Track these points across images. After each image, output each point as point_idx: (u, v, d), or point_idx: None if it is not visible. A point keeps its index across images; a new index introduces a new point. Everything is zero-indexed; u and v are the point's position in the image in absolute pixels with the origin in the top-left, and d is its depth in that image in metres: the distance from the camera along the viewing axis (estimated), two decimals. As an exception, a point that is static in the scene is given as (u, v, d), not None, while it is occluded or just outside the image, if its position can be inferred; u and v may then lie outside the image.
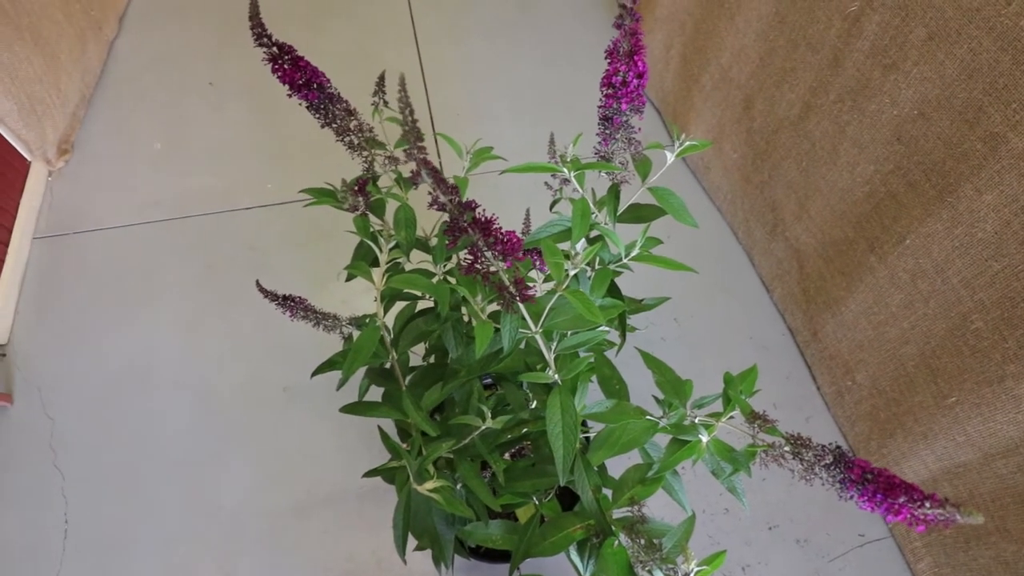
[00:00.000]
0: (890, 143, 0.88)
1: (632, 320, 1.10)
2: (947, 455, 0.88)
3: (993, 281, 0.76)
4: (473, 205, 0.43)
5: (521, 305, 0.47)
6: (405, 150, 0.40)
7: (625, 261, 0.64)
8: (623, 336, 0.65)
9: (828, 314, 1.08)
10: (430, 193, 0.42)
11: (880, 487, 0.45)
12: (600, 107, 0.60)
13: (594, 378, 0.68)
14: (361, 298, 1.26)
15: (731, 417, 0.56)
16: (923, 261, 0.86)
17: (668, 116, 1.52)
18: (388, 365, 0.70)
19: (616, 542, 0.53)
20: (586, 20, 1.80)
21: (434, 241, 0.66)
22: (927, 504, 0.42)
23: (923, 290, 0.86)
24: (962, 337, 0.82)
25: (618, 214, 0.66)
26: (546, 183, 0.67)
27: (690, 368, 0.66)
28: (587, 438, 0.70)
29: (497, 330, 0.47)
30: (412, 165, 0.45)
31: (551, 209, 0.69)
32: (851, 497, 0.47)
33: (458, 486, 0.65)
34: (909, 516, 0.43)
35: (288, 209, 1.39)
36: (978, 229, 0.77)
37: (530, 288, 0.45)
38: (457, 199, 0.41)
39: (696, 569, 0.49)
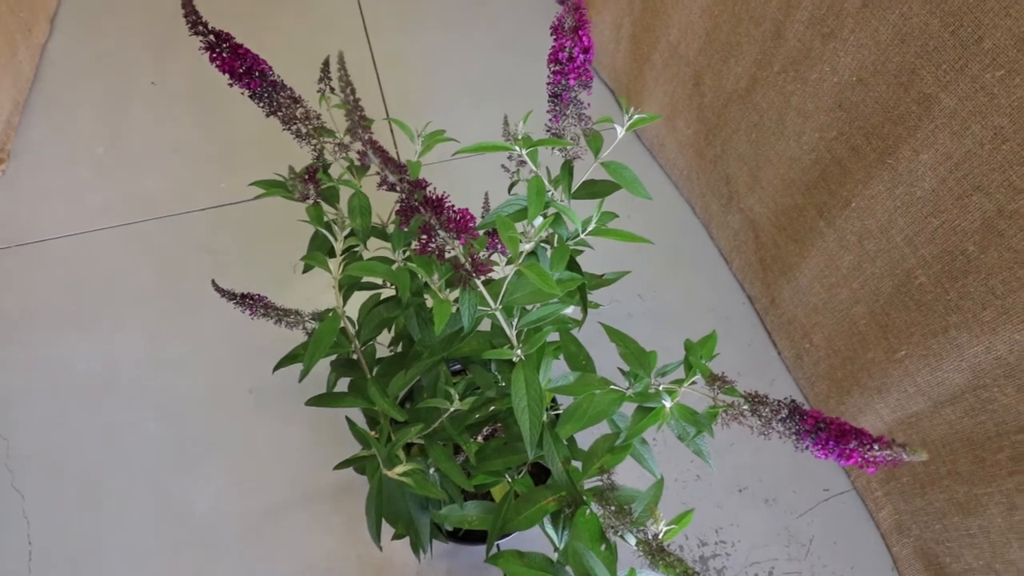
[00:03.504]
0: (832, 110, 0.91)
1: (596, 297, 1.11)
2: (900, 406, 0.92)
3: (933, 237, 0.79)
4: (423, 184, 0.43)
5: (479, 282, 0.48)
6: (349, 130, 0.40)
7: (582, 236, 0.65)
8: (584, 311, 0.66)
9: (784, 280, 1.12)
10: (378, 173, 0.42)
11: (832, 434, 0.47)
12: (549, 84, 0.61)
13: (562, 357, 0.69)
14: (324, 294, 1.24)
15: (693, 382, 0.57)
16: (868, 222, 0.89)
17: (622, 96, 1.53)
18: (355, 356, 0.70)
19: (588, 511, 0.54)
20: (540, 7, 1.79)
21: (391, 228, 0.66)
22: (875, 446, 0.45)
23: (869, 250, 0.90)
24: (908, 293, 0.85)
25: (573, 190, 0.66)
26: (503, 166, 0.67)
27: (656, 341, 0.67)
28: (557, 415, 0.71)
29: (457, 309, 0.47)
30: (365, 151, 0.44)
31: (509, 191, 0.69)
32: (807, 447, 0.49)
33: (431, 471, 0.65)
34: (860, 459, 0.45)
35: (244, 208, 1.36)
36: (917, 188, 0.80)
37: (486, 265, 0.45)
38: (406, 177, 0.41)
39: (665, 529, 0.51)
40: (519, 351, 0.52)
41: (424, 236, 0.43)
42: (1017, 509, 0.77)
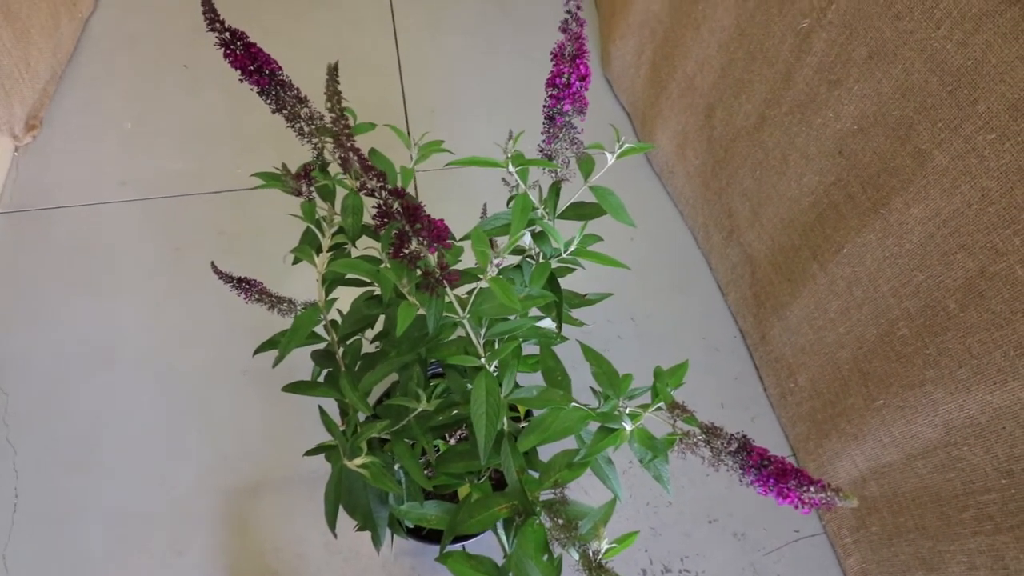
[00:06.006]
0: (833, 156, 0.92)
1: (587, 317, 1.13)
2: (874, 456, 0.92)
3: (917, 290, 0.80)
4: (401, 192, 0.45)
5: (449, 290, 0.50)
6: (335, 137, 0.42)
7: (564, 255, 0.67)
8: (559, 326, 0.68)
9: (775, 318, 1.12)
10: (359, 179, 0.44)
11: (774, 472, 0.48)
12: (544, 107, 0.63)
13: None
14: (325, 286, 1.27)
15: (658, 408, 0.59)
16: (858, 269, 0.90)
17: (637, 121, 1.55)
18: (334, 349, 0.72)
19: (536, 521, 0.56)
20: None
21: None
22: (812, 488, 0.46)
23: (857, 297, 0.91)
24: (890, 343, 0.86)
25: (561, 211, 0.68)
26: (503, 179, 0.69)
27: (643, 365, 0.67)
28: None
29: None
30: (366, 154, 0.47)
31: (507, 205, 0.71)
32: (750, 482, 0.50)
33: (396, 466, 0.67)
34: (796, 499, 0.47)
35: (257, 195, 1.40)
36: (906, 240, 0.81)
37: (455, 274, 0.47)
38: (384, 185, 0.44)
39: (606, 547, 0.52)
40: (483, 360, 0.54)
41: (397, 242, 0.46)
42: (977, 570, 0.77)
